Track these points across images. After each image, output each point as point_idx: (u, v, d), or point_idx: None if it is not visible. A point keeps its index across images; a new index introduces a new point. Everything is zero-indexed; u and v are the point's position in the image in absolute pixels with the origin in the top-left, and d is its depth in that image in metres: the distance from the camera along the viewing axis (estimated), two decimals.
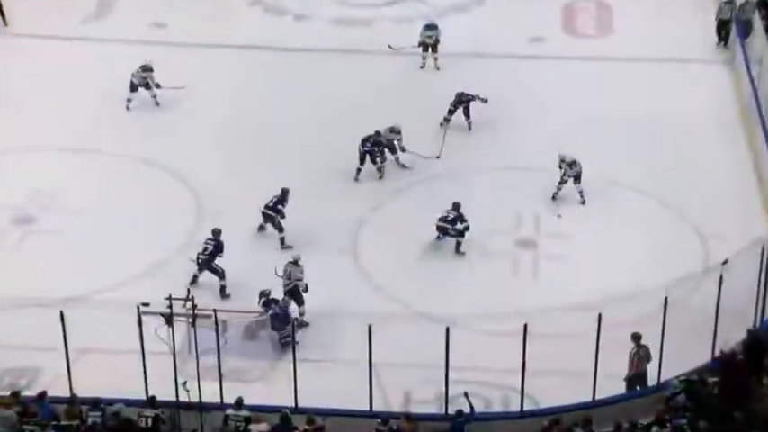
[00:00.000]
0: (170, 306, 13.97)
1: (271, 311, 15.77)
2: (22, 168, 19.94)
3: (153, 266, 17.52)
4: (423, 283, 17.25)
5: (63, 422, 14.03)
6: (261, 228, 18.18)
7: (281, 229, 17.91)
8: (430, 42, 22.98)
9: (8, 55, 23.46)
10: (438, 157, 19.82)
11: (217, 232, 17.22)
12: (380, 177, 19.50)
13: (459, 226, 17.72)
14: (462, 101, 20.64)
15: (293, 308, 16.18)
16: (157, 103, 21.64)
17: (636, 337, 14.88)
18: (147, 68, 21.58)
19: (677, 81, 22.47)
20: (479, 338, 15.47)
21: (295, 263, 16.45)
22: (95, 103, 21.81)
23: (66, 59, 23.20)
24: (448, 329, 13.97)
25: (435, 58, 23.03)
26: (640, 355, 14.87)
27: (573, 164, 18.85)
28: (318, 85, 22.27)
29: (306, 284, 16.40)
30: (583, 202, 18.91)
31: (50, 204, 19.12)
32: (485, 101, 20.48)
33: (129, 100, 21.55)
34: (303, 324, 16.14)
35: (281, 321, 15.71)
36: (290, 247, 17.66)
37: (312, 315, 16.32)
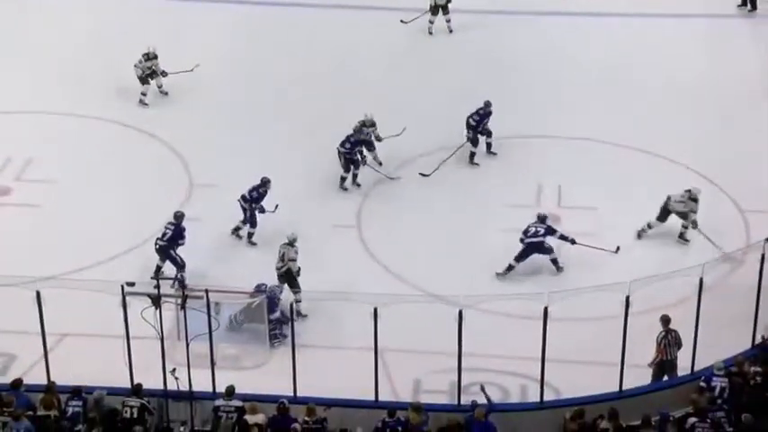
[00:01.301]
0: (157, 286, 13.95)
1: (264, 296, 15.70)
2: None
3: (139, 243, 17.51)
4: (434, 263, 17.23)
5: (40, 413, 14.05)
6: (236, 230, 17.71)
7: (253, 224, 17.52)
8: (441, 3, 22.78)
9: None
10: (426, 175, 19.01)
11: (179, 216, 16.85)
12: (358, 185, 18.73)
13: (552, 240, 16.87)
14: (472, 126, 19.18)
15: (285, 295, 16.12)
16: (165, 93, 21.23)
17: (665, 320, 14.86)
18: (150, 56, 20.96)
19: (716, 39, 22.42)
20: (496, 322, 15.49)
21: (290, 243, 16.36)
22: (75, 64, 21.85)
23: (38, 13, 23.17)
24: (461, 313, 13.94)
25: (448, 20, 22.89)
26: (668, 341, 14.84)
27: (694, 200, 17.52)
28: (316, 44, 22.26)
29: (299, 267, 16.34)
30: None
31: (26, 175, 19.16)
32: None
33: (143, 94, 21.05)
34: (301, 315, 16.01)
35: (271, 311, 15.68)
36: (254, 244, 17.55)
37: (313, 297, 16.28)
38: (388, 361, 14.86)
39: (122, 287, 13.87)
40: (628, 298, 13.94)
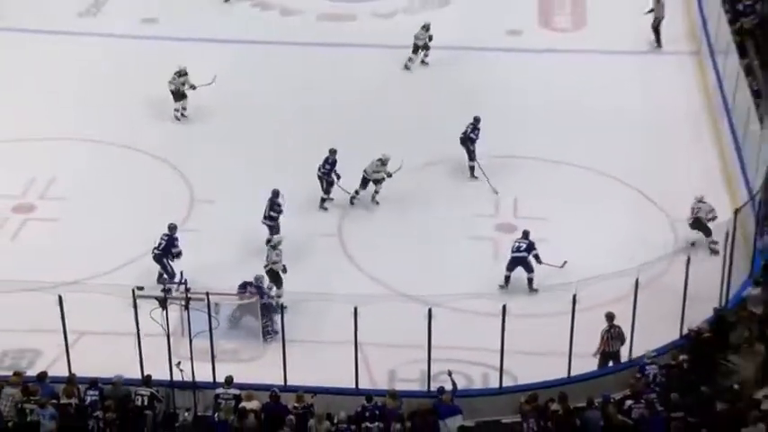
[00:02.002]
0: (164, 289, 13.94)
1: (249, 294, 15.66)
2: (22, 159, 19.84)
3: (147, 252, 17.39)
4: (407, 266, 17.22)
5: (62, 401, 13.98)
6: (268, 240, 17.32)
7: (277, 231, 17.42)
8: (421, 44, 22.67)
9: (5, 48, 23.34)
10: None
11: (172, 227, 16.69)
12: (326, 209, 18.51)
13: (535, 254, 16.59)
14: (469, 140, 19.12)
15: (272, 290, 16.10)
16: (186, 117, 21.07)
17: (609, 317, 14.93)
18: (182, 73, 20.88)
19: (647, 72, 22.55)
20: (461, 319, 15.49)
21: (274, 246, 16.33)
22: (89, 95, 21.71)
23: (60, 53, 23.10)
24: (430, 310, 13.99)
25: (426, 55, 22.73)
26: (611, 334, 14.91)
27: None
28: (304, 78, 22.21)
29: (284, 266, 16.28)
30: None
31: (48, 193, 19.06)
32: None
33: (176, 110, 21.00)
34: (281, 307, 15.64)
35: (265, 310, 15.64)
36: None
37: (300, 297, 16.27)
38: (367, 353, 14.85)
39: (133, 291, 13.88)
40: (574, 296, 14.05)
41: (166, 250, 16.55)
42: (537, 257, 16.55)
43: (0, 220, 18.42)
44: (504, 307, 13.98)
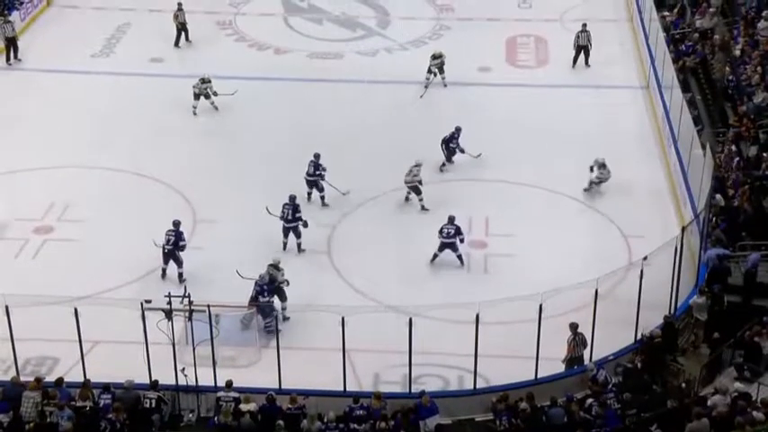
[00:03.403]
0: (169, 302, 13.88)
1: (257, 296, 15.60)
2: (42, 185, 19.77)
3: (154, 268, 17.38)
4: (390, 280, 17.20)
5: (78, 404, 13.88)
6: (285, 246, 17.70)
7: (298, 235, 17.68)
8: (434, 71, 22.88)
9: (24, 86, 23.33)
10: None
11: (176, 223, 17.05)
12: (327, 205, 18.82)
13: (461, 238, 17.22)
14: (448, 143, 19.68)
15: (276, 303, 16.07)
16: (216, 108, 21.80)
17: (574, 327, 14.93)
18: (206, 81, 21.94)
19: (603, 104, 22.68)
20: (438, 327, 15.47)
21: (275, 266, 16.30)
22: (101, 128, 21.66)
23: (75, 90, 23.10)
24: (411, 320, 13.97)
25: (443, 77, 22.98)
26: (577, 342, 14.92)
27: (603, 166, 19.00)
28: (297, 111, 22.23)
29: (287, 281, 16.29)
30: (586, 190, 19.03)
31: (65, 216, 18.96)
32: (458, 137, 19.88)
33: (194, 107, 21.83)
34: (285, 318, 16.06)
35: (267, 311, 15.59)
36: (303, 250, 17.65)
37: (293, 309, 16.25)
38: (354, 359, 14.83)
39: (142, 304, 13.81)
40: (541, 306, 14.06)
41: (176, 244, 16.84)
42: (462, 240, 17.21)
43: (22, 240, 18.31)
44: (477, 316, 13.97)
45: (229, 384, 14.12)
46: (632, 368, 14.51)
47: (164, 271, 16.87)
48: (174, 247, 16.86)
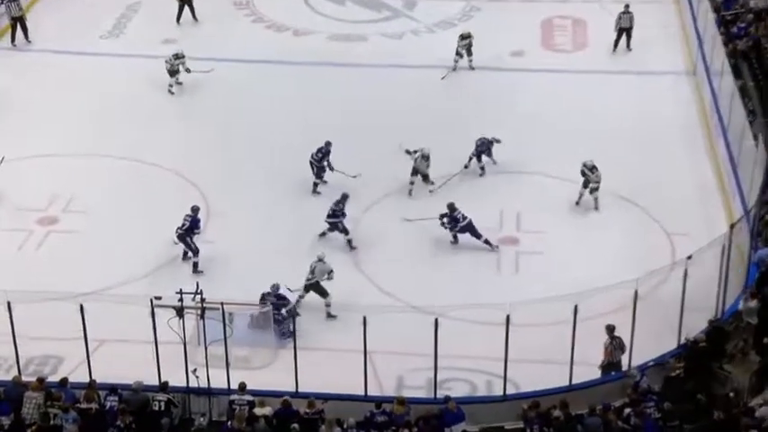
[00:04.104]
0: (180, 299, 13.95)
1: (269, 305, 15.69)
2: (46, 174, 19.91)
3: (164, 263, 17.50)
4: (414, 278, 17.20)
5: (83, 405, 13.99)
6: (323, 234, 17.89)
7: (346, 232, 17.76)
8: (462, 51, 22.92)
9: (29, 69, 23.51)
10: (431, 189, 19.20)
11: (195, 209, 17.26)
12: (319, 193, 18.95)
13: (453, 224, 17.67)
14: (483, 148, 19.55)
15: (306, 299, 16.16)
16: (180, 84, 22.18)
17: (610, 329, 14.86)
18: (179, 56, 22.14)
19: (646, 91, 22.50)
20: (466, 329, 15.45)
21: (321, 260, 16.36)
22: (110, 113, 21.81)
23: (83, 73, 23.24)
24: (437, 320, 13.95)
25: (470, 60, 22.99)
26: (614, 346, 14.84)
27: (593, 168, 18.57)
28: (316, 96, 22.22)
29: (329, 274, 16.28)
30: (596, 208, 18.61)
31: (71, 207, 19.10)
32: (498, 141, 19.73)
33: (170, 85, 22.08)
34: (331, 316, 16.12)
35: (280, 313, 15.66)
36: (354, 248, 17.70)
37: (312, 308, 16.29)
38: (376, 361, 14.83)
39: (151, 300, 13.89)
40: (576, 307, 14.00)
41: (189, 230, 17.09)
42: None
43: (25, 232, 18.47)
44: (507, 317, 13.94)
45: (243, 387, 14.18)
46: (675, 376, 14.42)
47: (184, 253, 17.19)
48: (186, 232, 17.07)
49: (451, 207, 17.82)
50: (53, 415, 13.79)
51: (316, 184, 19.17)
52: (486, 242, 17.68)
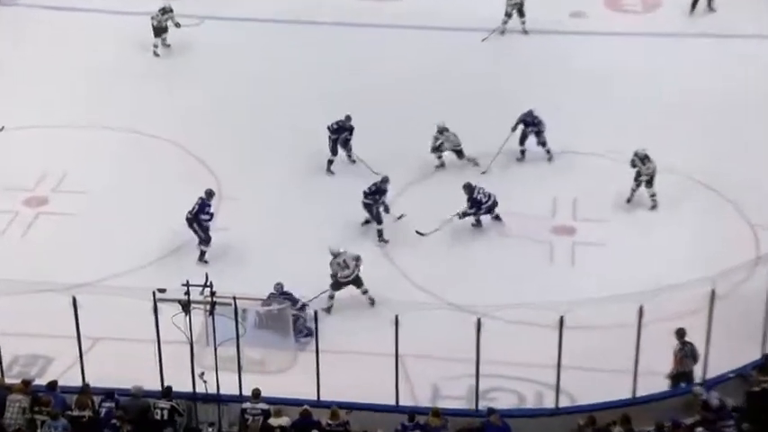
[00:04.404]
0: (187, 293, 13.95)
1: (287, 302, 15.75)
2: (33, 147, 20.09)
3: (169, 251, 17.59)
4: (454, 271, 17.20)
5: (75, 413, 14.09)
6: (366, 222, 18.03)
7: (378, 221, 17.85)
8: (511, 11, 22.96)
9: (13, 27, 23.71)
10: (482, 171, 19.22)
11: (208, 192, 17.41)
12: (333, 173, 19.22)
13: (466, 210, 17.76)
14: (528, 124, 19.29)
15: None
16: (168, 46, 22.53)
17: (680, 334, 14.73)
18: (167, 11, 22.36)
19: (726, 57, 22.28)
20: (513, 331, 15.43)
21: (337, 254, 16.40)
22: (106, 78, 21.94)
23: (75, 31, 23.42)
24: (479, 320, 13.90)
25: (523, 22, 23.08)
26: (685, 353, 14.71)
27: (646, 159, 18.20)
28: (339, 62, 22.24)
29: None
30: (653, 207, 18.37)
31: (62, 185, 19.26)
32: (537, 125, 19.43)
33: (155, 45, 22.33)
34: (371, 301, 16.37)
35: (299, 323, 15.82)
36: (386, 241, 17.77)
37: (339, 304, 16.29)
38: (409, 366, 14.83)
39: (154, 293, 13.89)
40: (641, 307, 13.88)
41: (197, 215, 17.21)
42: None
43: (10, 214, 18.62)
44: (561, 318, 13.87)
45: (257, 394, 14.23)
46: (758, 391, 14.26)
47: (202, 252, 17.39)
48: (194, 217, 17.22)
49: (469, 187, 17.77)
50: (40, 422, 13.89)
51: (330, 162, 19.26)
52: (497, 217, 17.83)
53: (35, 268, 16.48)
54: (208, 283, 14.21)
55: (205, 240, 17.29)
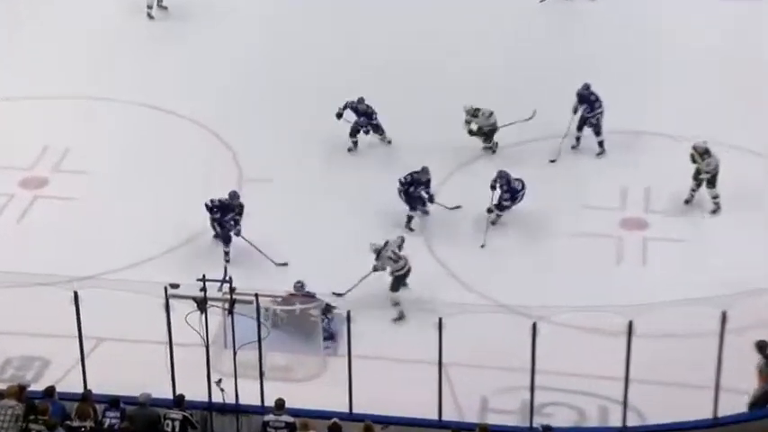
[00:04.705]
0: (203, 288, 14.05)
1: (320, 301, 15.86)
2: (31, 122, 20.33)
3: (183, 241, 17.72)
4: (506, 269, 17.23)
5: (74, 423, 14.24)
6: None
7: (412, 208, 18.01)
8: None
9: None
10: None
11: (232, 195, 17.34)
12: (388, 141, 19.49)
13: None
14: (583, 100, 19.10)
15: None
16: (165, 8, 22.86)
17: (761, 347, 14.60)
18: None
19: None
20: (574, 337, 15.47)
21: (382, 248, 16.53)
22: (111, 44, 22.23)
23: None
24: (535, 325, 13.87)
25: None
26: None
27: (706, 153, 17.82)
28: (368, 30, 22.43)
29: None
30: (715, 211, 18.12)
31: (64, 165, 19.47)
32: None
33: (149, 7, 22.76)
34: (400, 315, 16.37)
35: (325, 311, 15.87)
36: (411, 230, 17.90)
37: (371, 305, 16.34)
38: (453, 376, 14.88)
39: (166, 289, 13.95)
40: (724, 313, 13.81)
41: (218, 220, 17.27)
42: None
43: (4, 197, 18.83)
44: (630, 324, 13.81)
45: (281, 405, 14.31)
46: None
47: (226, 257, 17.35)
48: (213, 220, 17.33)
49: (506, 176, 17.69)
50: None
51: (355, 143, 19.47)
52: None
53: (31, 258, 16.68)
54: (227, 278, 14.32)
55: (224, 239, 17.30)
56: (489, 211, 17.80)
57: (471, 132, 19.39)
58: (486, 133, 19.41)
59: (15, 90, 20.94)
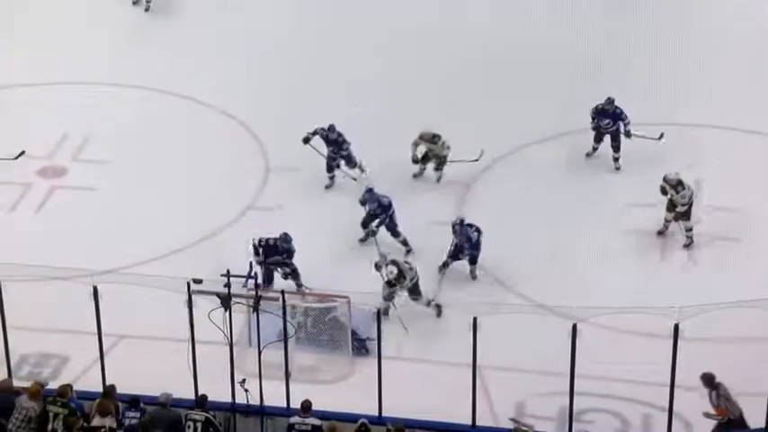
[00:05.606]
0: (228, 284, 14.09)
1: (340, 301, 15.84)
2: (50, 109, 20.39)
3: (208, 235, 17.74)
4: (544, 267, 17.18)
5: (94, 422, 14.28)
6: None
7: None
8: None
9: None
10: None
11: (284, 238, 16.64)
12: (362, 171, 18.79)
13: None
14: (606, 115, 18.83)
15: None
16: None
17: (707, 380, 14.18)
18: None
19: None
20: (616, 340, 15.40)
21: (391, 263, 16.46)
22: (134, 28, 22.42)
23: None
24: (575, 327, 13.80)
25: None
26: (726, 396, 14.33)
27: (679, 185, 17.27)
28: (401, 23, 22.34)
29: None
30: (688, 245, 17.54)
31: (84, 154, 19.56)
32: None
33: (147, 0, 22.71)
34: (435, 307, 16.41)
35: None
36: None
37: (405, 303, 16.36)
38: (488, 379, 14.86)
39: (188, 284, 14.01)
40: None
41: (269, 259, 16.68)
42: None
43: (21, 186, 18.92)
44: (676, 326, 13.72)
45: (307, 407, 14.31)
46: None
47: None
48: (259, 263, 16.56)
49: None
50: (53, 415, 13.96)
51: (332, 178, 18.91)
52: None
53: (49, 252, 16.71)
54: (253, 274, 14.33)
55: (265, 280, 16.49)
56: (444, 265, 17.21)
57: (415, 159, 18.72)
58: (436, 163, 18.78)
59: (35, 76, 21.02)
